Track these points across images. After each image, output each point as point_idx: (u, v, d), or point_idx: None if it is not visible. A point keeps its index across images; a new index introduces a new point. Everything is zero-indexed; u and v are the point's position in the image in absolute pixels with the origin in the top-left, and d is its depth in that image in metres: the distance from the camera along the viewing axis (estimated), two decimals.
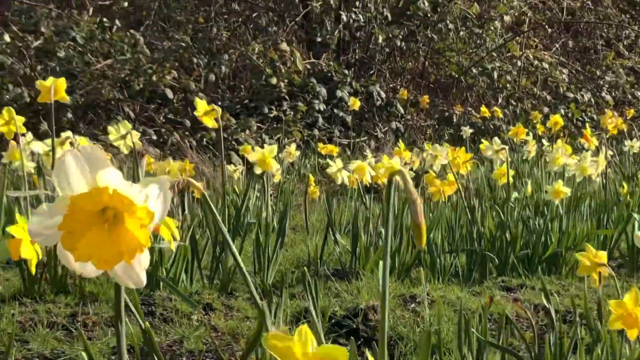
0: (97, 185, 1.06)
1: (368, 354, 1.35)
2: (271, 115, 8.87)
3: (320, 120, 9.23)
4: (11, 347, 1.91)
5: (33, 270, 1.87)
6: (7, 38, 8.65)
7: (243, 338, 2.96)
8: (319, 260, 3.94)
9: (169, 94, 8.76)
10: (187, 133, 8.32)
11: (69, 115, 7.80)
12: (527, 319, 2.36)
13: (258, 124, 8.64)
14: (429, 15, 10.82)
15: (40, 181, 4.29)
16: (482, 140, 5.06)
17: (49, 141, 3.79)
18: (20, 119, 3.66)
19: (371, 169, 3.87)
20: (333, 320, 3.13)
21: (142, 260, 1.11)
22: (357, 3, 10.52)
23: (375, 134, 9.61)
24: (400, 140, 5.75)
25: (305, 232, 5.14)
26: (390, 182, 1.26)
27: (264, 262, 3.68)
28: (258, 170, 3.63)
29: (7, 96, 8.41)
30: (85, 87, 8.42)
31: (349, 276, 3.81)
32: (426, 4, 10.67)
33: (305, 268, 2.12)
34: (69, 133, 3.73)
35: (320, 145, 7.30)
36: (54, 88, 3.50)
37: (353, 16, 10.39)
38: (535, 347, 2.22)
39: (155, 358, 1.57)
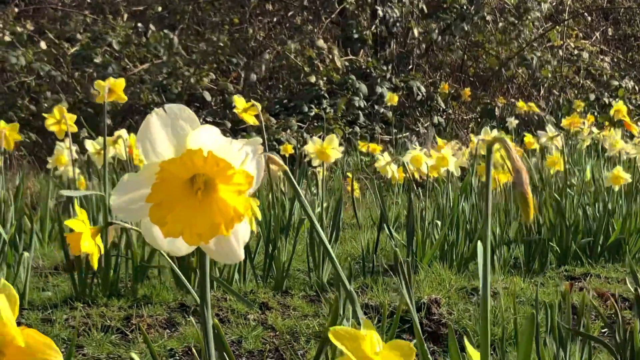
0: (188, 148, 0.92)
1: (469, 347, 1.23)
2: (311, 113, 8.76)
3: (361, 117, 9.10)
4: (72, 354, 1.81)
5: (95, 265, 1.77)
6: (43, 45, 8.63)
7: (303, 337, 2.85)
8: (373, 256, 3.81)
9: (207, 96, 8.69)
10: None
11: (108, 121, 7.75)
12: (595, 307, 2.23)
13: (298, 123, 8.54)
14: (465, 7, 10.65)
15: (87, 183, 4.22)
16: (525, 133, 4.92)
17: (100, 140, 3.71)
18: (71, 117, 3.57)
19: (428, 159, 3.75)
20: (395, 315, 3.01)
21: (240, 233, 0.97)
22: None
23: (417, 129, 9.47)
24: (443, 133, 5.62)
25: (351, 229, 5.03)
26: (490, 152, 1.14)
27: (318, 259, 3.57)
28: (316, 162, 3.53)
29: (46, 104, 8.39)
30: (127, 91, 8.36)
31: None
32: None
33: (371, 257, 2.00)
34: (122, 131, 3.65)
35: (361, 143, 7.19)
36: (111, 88, 3.41)
37: (389, 11, 10.25)
38: (621, 334, 2.09)
39: (227, 357, 1.46)
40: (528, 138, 5.41)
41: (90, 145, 3.75)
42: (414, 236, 3.77)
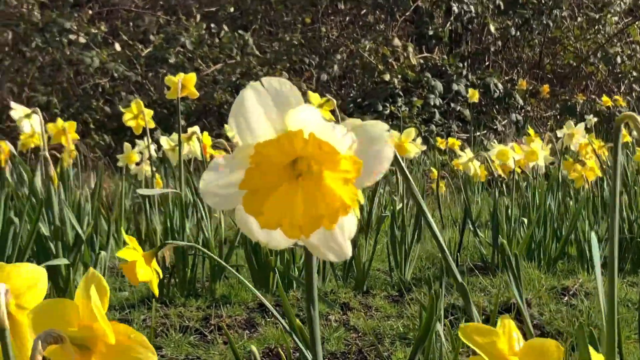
0: (288, 129, 0.80)
1: (592, 352, 1.10)
2: (386, 112, 8.63)
3: (437, 115, 8.95)
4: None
5: (156, 291, 1.65)
6: (117, 47, 8.66)
7: (387, 338, 2.73)
8: (457, 255, 3.68)
9: None
10: None
11: (182, 122, 7.74)
12: None
13: None
14: (543, 2, 10.41)
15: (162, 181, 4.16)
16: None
17: (174, 136, 3.64)
18: (149, 112, 3.52)
19: (514, 153, 3.59)
20: (484, 316, 2.88)
21: (346, 226, 0.84)
22: None
23: (495, 127, 9.28)
24: (522, 130, 5.45)
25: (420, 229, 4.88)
26: (618, 130, 1.01)
27: (400, 258, 3.45)
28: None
29: (120, 105, 8.41)
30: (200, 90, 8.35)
31: (493, 270, 3.55)
32: None
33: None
34: (195, 128, 3.58)
35: (440, 139, 7.04)
36: (182, 83, 3.35)
37: (464, 8, 10.07)
38: None
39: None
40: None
41: (165, 142, 3.69)
42: (499, 234, 3.63)
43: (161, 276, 1.71)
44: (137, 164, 4.44)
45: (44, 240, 3.12)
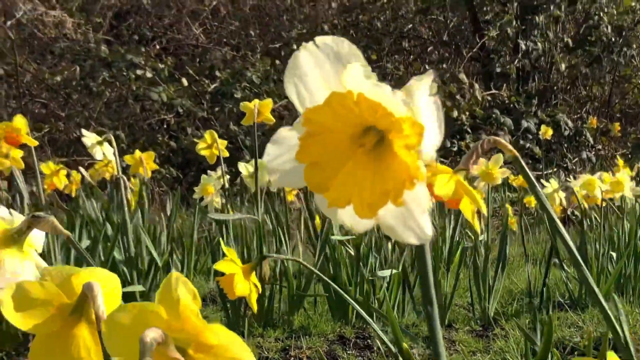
0: (333, 91, 0.69)
1: None
2: (454, 148, 8.52)
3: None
4: None
5: (255, 307, 1.56)
6: (184, 82, 8.68)
7: None
8: (542, 289, 3.53)
9: None
10: None
11: (247, 157, 7.69)
12: None
13: (441, 159, 8.31)
14: (613, 40, 10.23)
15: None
16: None
17: (251, 163, 3.58)
18: (222, 142, 3.48)
19: (601, 184, 3.44)
20: (576, 353, 2.74)
21: (422, 200, 0.72)
22: (536, 31, 10.07)
23: (565, 165, 9.11)
24: (593, 169, 5.29)
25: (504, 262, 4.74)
26: None
27: (484, 291, 3.31)
28: (481, 185, 3.27)
29: (185, 140, 8.42)
30: (264, 127, 8.32)
31: (580, 305, 3.40)
32: (609, 28, 10.10)
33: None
34: None
35: (511, 177, 6.89)
36: (259, 109, 3.29)
37: (532, 45, 9.95)
38: None
39: None
40: None
41: (243, 168, 3.62)
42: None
43: (260, 291, 1.61)
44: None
45: (118, 266, 3.06)
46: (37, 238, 0.94)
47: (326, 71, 0.71)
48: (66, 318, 0.77)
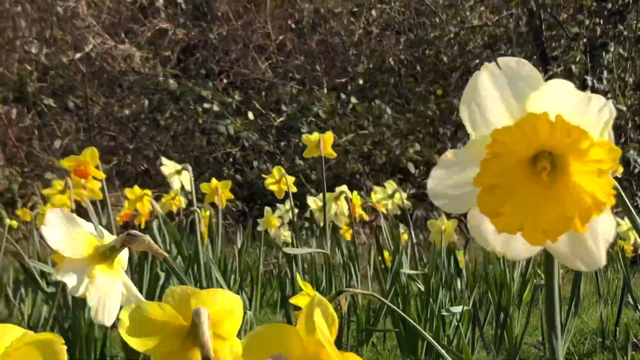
0: (529, 112, 0.68)
1: None
2: None
3: None
4: None
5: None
6: (250, 116, 8.75)
7: None
8: (615, 329, 3.46)
9: (411, 168, 8.54)
10: (430, 206, 8.02)
11: (312, 190, 7.71)
12: None
13: None
14: None
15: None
16: None
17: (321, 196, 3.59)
18: (290, 179, 3.52)
19: None
20: None
21: (600, 228, 0.71)
22: (602, 68, 9.97)
23: (635, 203, 8.96)
24: None
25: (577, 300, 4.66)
26: None
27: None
28: None
29: (251, 174, 8.47)
30: (329, 162, 8.35)
31: None
32: None
33: None
34: (343, 187, 3.52)
35: None
36: (323, 143, 3.32)
37: (596, 82, 9.85)
38: None
39: None
40: None
41: (312, 202, 3.64)
42: None
43: (337, 325, 1.60)
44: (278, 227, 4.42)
45: None
46: (122, 258, 0.94)
47: (506, 94, 0.71)
48: (182, 340, 0.77)
